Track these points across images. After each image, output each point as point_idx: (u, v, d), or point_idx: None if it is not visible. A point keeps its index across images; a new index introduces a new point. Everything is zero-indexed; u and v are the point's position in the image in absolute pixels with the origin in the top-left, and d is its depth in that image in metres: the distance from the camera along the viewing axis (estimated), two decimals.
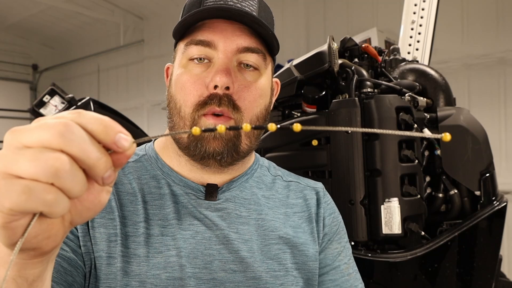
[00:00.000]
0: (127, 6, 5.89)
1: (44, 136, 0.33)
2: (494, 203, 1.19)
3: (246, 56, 0.69)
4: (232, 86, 0.67)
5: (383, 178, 1.11)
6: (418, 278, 1.16)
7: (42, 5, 5.64)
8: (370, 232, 1.13)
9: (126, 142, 0.36)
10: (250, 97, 0.69)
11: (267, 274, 0.70)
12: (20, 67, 7.65)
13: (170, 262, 0.66)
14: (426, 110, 1.28)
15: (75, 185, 0.34)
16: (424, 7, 1.67)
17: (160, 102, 5.76)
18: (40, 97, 2.03)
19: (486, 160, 1.21)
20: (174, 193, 0.72)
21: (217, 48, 0.68)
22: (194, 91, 0.68)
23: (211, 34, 0.68)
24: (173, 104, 0.71)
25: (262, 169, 0.82)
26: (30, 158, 0.32)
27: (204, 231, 0.70)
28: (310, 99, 1.28)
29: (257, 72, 0.71)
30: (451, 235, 1.16)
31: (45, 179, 0.32)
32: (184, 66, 0.70)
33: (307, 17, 4.51)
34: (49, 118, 0.35)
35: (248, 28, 0.69)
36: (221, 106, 0.67)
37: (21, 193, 0.32)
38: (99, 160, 0.35)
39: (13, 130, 0.34)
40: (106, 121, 0.36)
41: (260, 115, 0.72)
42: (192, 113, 0.68)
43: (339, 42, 1.37)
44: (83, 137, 0.34)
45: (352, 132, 1.14)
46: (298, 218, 0.78)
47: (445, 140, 0.38)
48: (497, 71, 3.38)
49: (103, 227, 0.66)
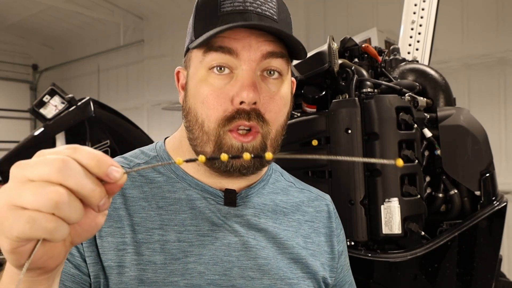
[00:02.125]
0: (127, 6, 5.89)
1: (45, 171, 0.37)
2: (494, 203, 1.19)
3: (271, 62, 0.66)
4: (259, 100, 0.64)
5: (383, 178, 1.11)
6: (418, 278, 1.16)
7: (42, 5, 5.64)
8: (370, 232, 1.13)
9: (117, 173, 0.41)
10: (276, 108, 0.67)
11: (282, 282, 0.70)
12: (20, 67, 7.65)
13: (188, 269, 0.65)
14: (426, 110, 1.28)
15: (73, 213, 0.38)
16: (424, 7, 1.67)
17: (160, 102, 5.76)
18: (40, 97, 2.03)
19: (486, 160, 1.21)
20: (190, 197, 0.70)
21: (239, 57, 0.64)
22: (218, 106, 0.65)
23: (233, 42, 0.64)
24: (193, 117, 0.68)
25: (275, 174, 0.82)
26: (33, 191, 0.37)
27: (223, 237, 0.68)
28: (310, 99, 1.28)
29: (280, 79, 0.68)
30: (451, 235, 1.16)
31: (47, 209, 0.37)
32: (203, 78, 0.66)
33: (307, 17, 4.51)
34: (48, 153, 0.40)
35: (270, 33, 0.65)
36: (251, 120, 0.64)
37: (26, 222, 0.36)
38: (94, 191, 0.39)
39: (18, 164, 0.39)
40: (99, 156, 0.40)
41: (284, 124, 0.70)
42: (217, 128, 0.65)
43: (339, 42, 1.37)
44: (79, 172, 0.39)
45: (352, 132, 1.14)
46: (308, 227, 0.78)
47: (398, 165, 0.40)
48: (497, 71, 3.39)
49: (111, 236, 0.65)
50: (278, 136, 0.70)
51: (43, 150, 0.41)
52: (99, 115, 2.14)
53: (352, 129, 1.14)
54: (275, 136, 0.69)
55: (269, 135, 0.67)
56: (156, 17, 5.99)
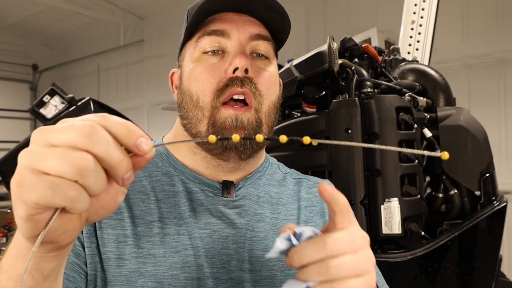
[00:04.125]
0: (127, 6, 5.89)
1: (71, 136, 0.35)
2: (494, 203, 1.19)
3: (258, 45, 0.70)
4: (251, 70, 0.67)
5: (383, 178, 1.11)
6: (418, 278, 1.16)
7: (42, 5, 5.64)
8: (370, 232, 1.12)
9: (147, 146, 0.38)
10: (266, 83, 0.69)
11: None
12: (20, 67, 7.65)
13: (188, 262, 0.65)
14: (426, 110, 1.29)
15: (97, 183, 0.36)
16: (424, 7, 1.67)
17: (160, 102, 5.76)
18: (40, 97, 2.03)
19: (486, 160, 1.21)
20: (189, 190, 0.71)
21: (230, 37, 0.68)
22: (211, 79, 0.67)
23: (224, 24, 0.68)
24: (188, 99, 0.70)
25: (272, 166, 0.82)
26: (57, 155, 0.34)
27: (221, 230, 0.69)
28: (310, 99, 1.28)
29: (267, 60, 0.71)
30: (451, 235, 1.16)
31: (70, 176, 0.34)
32: (197, 59, 0.69)
33: (307, 17, 4.51)
34: (76, 120, 0.37)
35: (257, 19, 0.70)
36: (244, 86, 0.66)
37: (47, 188, 0.34)
38: (121, 162, 0.37)
39: (41, 129, 0.37)
40: (129, 125, 0.38)
41: (275, 103, 0.72)
42: (212, 101, 0.67)
43: (339, 42, 1.37)
44: (108, 139, 0.36)
45: (352, 132, 1.14)
46: (309, 211, 0.78)
47: (443, 158, 0.39)
48: (497, 71, 3.39)
49: (111, 228, 0.65)
50: (271, 112, 0.71)
51: (67, 118, 0.38)
52: None
53: (352, 129, 1.14)
54: (268, 110, 0.70)
55: (262, 107, 0.69)
56: (156, 17, 5.99)
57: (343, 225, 0.47)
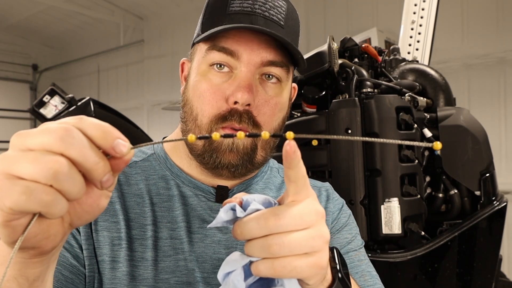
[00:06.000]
0: (127, 6, 5.90)
1: (46, 140, 0.34)
2: (494, 203, 1.19)
3: (270, 69, 0.67)
4: (253, 102, 0.65)
5: (383, 178, 1.11)
6: (418, 278, 1.16)
7: (42, 5, 5.64)
8: (370, 232, 1.12)
9: (124, 147, 0.38)
10: (269, 112, 0.67)
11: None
12: (20, 67, 7.65)
13: (179, 266, 0.65)
14: (426, 110, 1.28)
15: (73, 187, 0.35)
16: (424, 7, 1.67)
17: (160, 102, 5.77)
18: (40, 97, 2.03)
19: (486, 160, 1.21)
20: (183, 194, 0.70)
21: (240, 59, 0.65)
22: (213, 102, 0.66)
23: (236, 43, 0.65)
24: (188, 109, 0.69)
25: (272, 171, 0.82)
26: (31, 160, 0.34)
27: (213, 235, 0.68)
28: (310, 99, 1.28)
29: (278, 84, 0.68)
30: (451, 235, 1.16)
31: (45, 180, 0.34)
32: (203, 73, 0.67)
33: (307, 17, 4.51)
34: (52, 123, 0.36)
35: (274, 39, 0.66)
36: (241, 123, 0.65)
37: (21, 193, 0.33)
38: (97, 164, 0.36)
39: (19, 133, 0.36)
40: (105, 127, 0.37)
41: (277, 128, 0.70)
42: (209, 124, 0.66)
43: (339, 42, 1.37)
44: (83, 142, 0.36)
45: (352, 132, 1.14)
46: None
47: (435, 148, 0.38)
48: (497, 71, 3.39)
49: (106, 230, 0.65)
50: (270, 139, 0.70)
51: (48, 122, 0.37)
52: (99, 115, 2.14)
53: (352, 129, 1.14)
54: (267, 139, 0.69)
55: (260, 138, 0.67)
56: (156, 17, 5.99)
57: (296, 197, 0.45)
